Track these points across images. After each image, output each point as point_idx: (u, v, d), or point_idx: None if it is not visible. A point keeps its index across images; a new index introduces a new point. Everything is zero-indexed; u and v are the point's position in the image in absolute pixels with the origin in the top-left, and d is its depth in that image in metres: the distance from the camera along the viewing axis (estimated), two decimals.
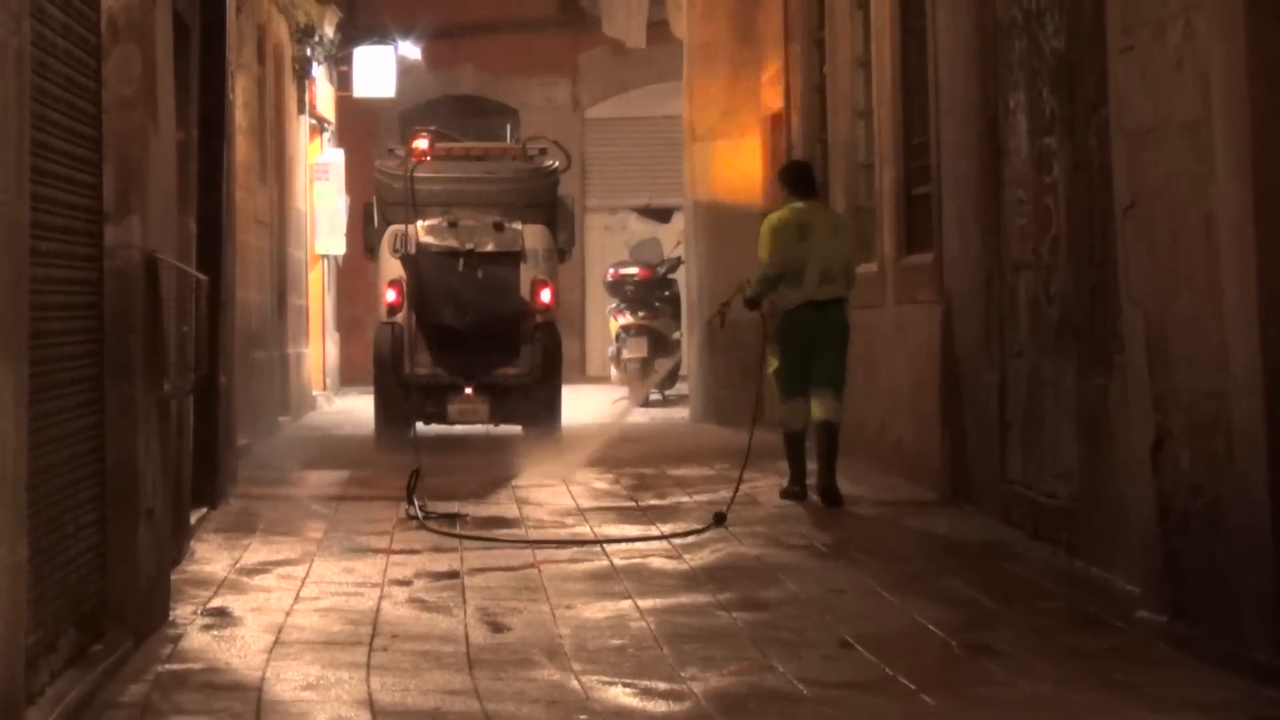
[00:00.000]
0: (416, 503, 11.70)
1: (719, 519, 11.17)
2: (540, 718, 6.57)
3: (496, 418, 16.52)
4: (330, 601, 8.77)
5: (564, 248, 17.23)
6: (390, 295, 16.39)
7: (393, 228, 16.52)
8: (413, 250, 16.18)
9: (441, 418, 16.44)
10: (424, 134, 17.51)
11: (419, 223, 16.32)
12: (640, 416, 20.52)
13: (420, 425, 16.15)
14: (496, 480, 13.81)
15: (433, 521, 11.29)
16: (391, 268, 16.41)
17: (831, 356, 12.12)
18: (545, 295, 16.42)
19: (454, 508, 11.93)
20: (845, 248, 12.30)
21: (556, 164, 17.37)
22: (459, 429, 17.14)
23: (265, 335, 17.61)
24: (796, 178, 12.61)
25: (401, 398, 16.19)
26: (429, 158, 17.09)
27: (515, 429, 17.04)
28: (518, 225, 16.45)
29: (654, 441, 16.92)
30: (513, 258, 16.35)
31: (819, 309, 12.06)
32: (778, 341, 12.28)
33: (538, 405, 16.44)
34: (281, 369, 18.87)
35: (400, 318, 16.32)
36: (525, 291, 16.32)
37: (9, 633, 5.36)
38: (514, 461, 14.82)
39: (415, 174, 16.62)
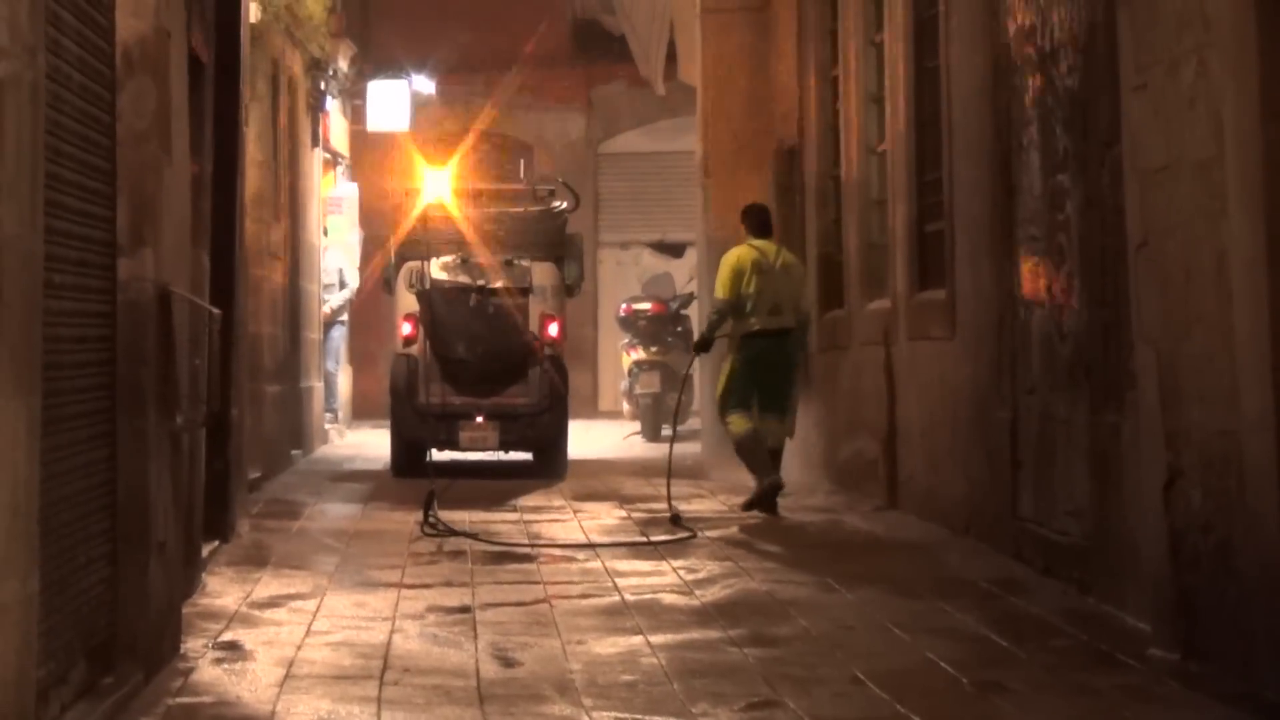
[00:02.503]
0: (433, 518, 12.50)
1: (675, 520, 12.81)
2: None
3: (505, 444, 17.09)
4: (342, 635, 8.76)
5: (572, 284, 17.81)
6: (406, 328, 17.13)
7: (408, 264, 17.17)
8: (427, 286, 16.83)
9: (453, 444, 17.00)
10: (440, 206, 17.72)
11: (433, 260, 16.89)
12: (652, 451, 20.51)
13: (434, 451, 16.74)
14: (507, 514, 13.84)
15: (450, 533, 12.16)
16: (407, 302, 17.12)
17: (781, 384, 13.73)
18: (553, 329, 17.16)
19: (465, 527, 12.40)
20: (795, 284, 14.00)
21: (564, 205, 17.86)
22: (471, 457, 17.58)
23: (278, 369, 17.69)
24: (757, 220, 14.29)
25: (416, 425, 16.82)
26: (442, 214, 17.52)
27: (526, 458, 17.66)
28: (527, 263, 17.14)
29: (665, 476, 16.89)
30: (522, 294, 16.99)
31: (773, 338, 13.64)
32: (730, 364, 13.79)
33: (544, 432, 17.09)
34: (294, 402, 18.89)
35: (415, 349, 16.99)
36: (533, 325, 16.98)
37: (20, 665, 5.36)
38: (524, 493, 15.00)
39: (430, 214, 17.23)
